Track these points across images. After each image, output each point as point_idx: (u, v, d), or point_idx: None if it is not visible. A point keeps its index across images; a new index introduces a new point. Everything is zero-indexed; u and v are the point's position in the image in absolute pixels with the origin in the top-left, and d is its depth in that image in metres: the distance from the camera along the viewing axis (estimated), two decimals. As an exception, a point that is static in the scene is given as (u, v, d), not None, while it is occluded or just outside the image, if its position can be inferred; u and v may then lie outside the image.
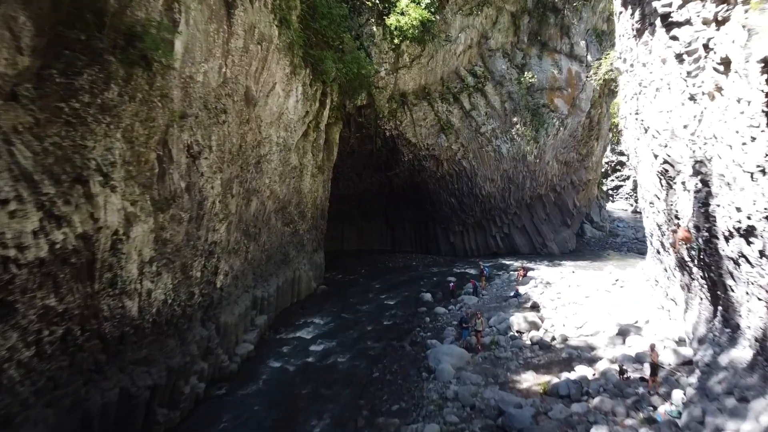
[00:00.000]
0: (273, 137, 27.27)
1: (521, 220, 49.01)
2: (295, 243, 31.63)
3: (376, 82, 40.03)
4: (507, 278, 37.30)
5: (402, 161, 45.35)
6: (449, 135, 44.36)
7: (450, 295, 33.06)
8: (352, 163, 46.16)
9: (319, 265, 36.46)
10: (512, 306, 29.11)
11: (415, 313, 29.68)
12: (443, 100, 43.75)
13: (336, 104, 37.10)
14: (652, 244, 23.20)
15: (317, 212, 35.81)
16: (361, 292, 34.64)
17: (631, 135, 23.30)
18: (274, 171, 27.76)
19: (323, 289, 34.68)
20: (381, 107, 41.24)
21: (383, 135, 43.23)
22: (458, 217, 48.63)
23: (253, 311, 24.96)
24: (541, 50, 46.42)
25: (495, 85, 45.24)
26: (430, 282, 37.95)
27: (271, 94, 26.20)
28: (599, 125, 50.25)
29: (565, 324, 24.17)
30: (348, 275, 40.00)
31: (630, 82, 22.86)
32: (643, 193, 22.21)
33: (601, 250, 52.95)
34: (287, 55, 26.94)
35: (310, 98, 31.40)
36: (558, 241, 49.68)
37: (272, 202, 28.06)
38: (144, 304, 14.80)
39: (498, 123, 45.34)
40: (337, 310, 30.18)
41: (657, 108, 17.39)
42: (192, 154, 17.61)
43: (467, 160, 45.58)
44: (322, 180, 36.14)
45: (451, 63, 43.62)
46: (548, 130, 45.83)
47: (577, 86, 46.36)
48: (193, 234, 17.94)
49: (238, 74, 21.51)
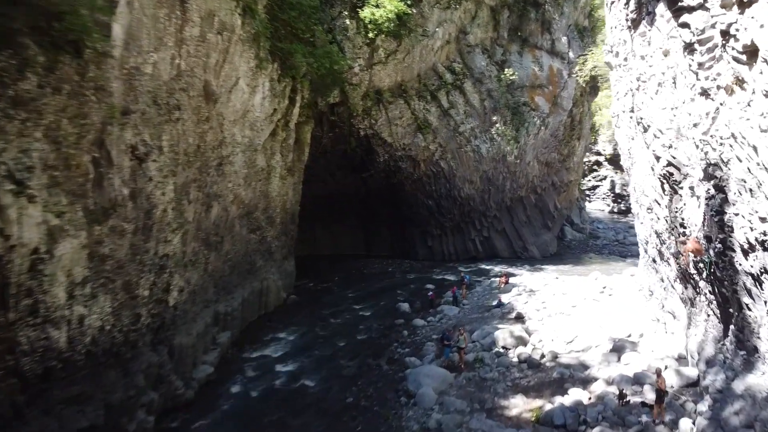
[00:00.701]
0: (237, 137, 25.25)
1: (501, 223, 47.64)
2: (262, 251, 29.59)
3: (350, 78, 38.17)
4: (488, 285, 35.77)
5: (377, 162, 43.56)
6: (426, 134, 42.74)
7: (429, 305, 31.38)
8: (325, 163, 44.21)
9: (289, 273, 34.45)
10: (495, 317, 27.54)
11: (392, 325, 27.93)
12: (420, 98, 42.11)
13: (307, 102, 35.17)
14: (647, 252, 21.83)
15: (287, 217, 33.80)
16: (334, 302, 32.74)
17: (624, 134, 21.89)
18: (239, 173, 25.74)
19: (293, 299, 32.69)
20: (355, 105, 39.39)
21: (357, 134, 41.39)
22: (436, 220, 47.04)
23: (215, 328, 22.92)
24: (521, 46, 45.10)
25: (474, 83, 43.77)
26: (407, 290, 36.23)
27: (235, 89, 24.20)
28: (581, 124, 49.21)
29: (553, 339, 22.64)
30: (321, 283, 38.04)
31: (623, 78, 21.44)
32: (638, 197, 20.81)
33: (583, 253, 51.96)
34: (252, 48, 24.94)
35: (279, 95, 29.44)
36: (539, 245, 48.45)
37: (236, 207, 26.01)
38: (75, 333, 12.72)
39: (477, 122, 43.88)
40: (308, 323, 28.26)
41: (659, 105, 15.91)
42: (138, 156, 15.54)
43: (445, 161, 44.01)
44: (292, 182, 34.16)
45: (429, 59, 42.00)
46: (529, 129, 44.53)
47: (559, 84, 45.17)
48: (140, 247, 15.86)
49: (195, 66, 19.47)
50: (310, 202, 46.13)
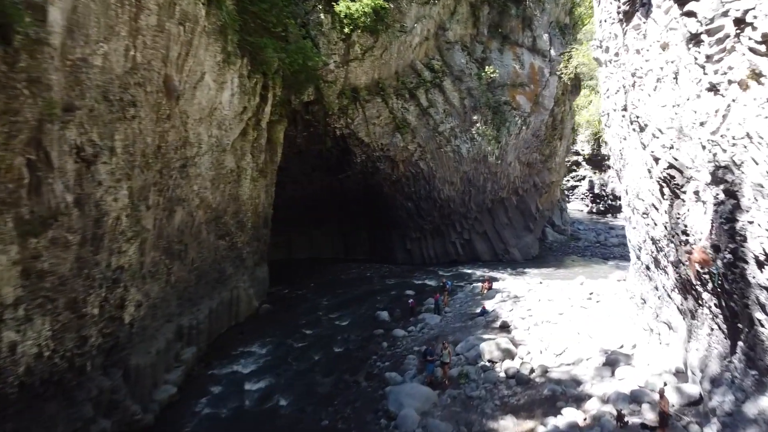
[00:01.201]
0: (203, 136, 23.67)
1: (482, 226, 46.62)
2: (232, 258, 27.98)
3: (325, 75, 36.74)
4: (470, 291, 34.64)
5: (354, 163, 42.17)
6: (405, 134, 41.48)
7: (409, 313, 30.10)
8: (300, 164, 42.66)
9: (262, 280, 32.86)
10: (479, 326, 26.37)
11: (371, 336, 26.58)
12: (398, 96, 40.84)
13: (280, 99, 33.66)
14: (639, 258, 20.82)
15: (259, 221, 32.23)
16: (309, 311, 31.26)
17: (616, 134, 20.86)
18: (205, 176, 24.15)
19: (266, 308, 31.11)
20: (330, 103, 37.94)
21: (333, 134, 39.94)
22: (415, 223, 45.84)
23: (179, 344, 21.32)
24: (502, 43, 44.13)
25: (453, 81, 42.64)
26: (386, 296, 34.90)
27: (200, 85, 22.64)
28: (562, 124, 48.44)
29: (542, 350, 21.52)
30: (295, 290, 36.49)
31: (614, 74, 20.41)
32: (631, 201, 19.78)
33: (564, 255, 51.26)
34: (218, 41, 23.39)
35: (249, 92, 27.91)
36: (521, 247, 47.55)
37: (203, 212, 24.41)
38: (5, 363, 11.11)
39: (457, 121, 42.77)
40: (282, 335, 26.77)
41: (658, 102, 14.83)
42: (84, 158, 13.94)
43: (425, 162, 42.81)
44: (264, 184, 32.60)
45: (407, 56, 40.76)
46: (510, 129, 43.57)
47: (540, 82, 44.30)
48: (88, 260, 14.25)
49: (153, 59, 17.88)
50: (284, 205, 44.56)
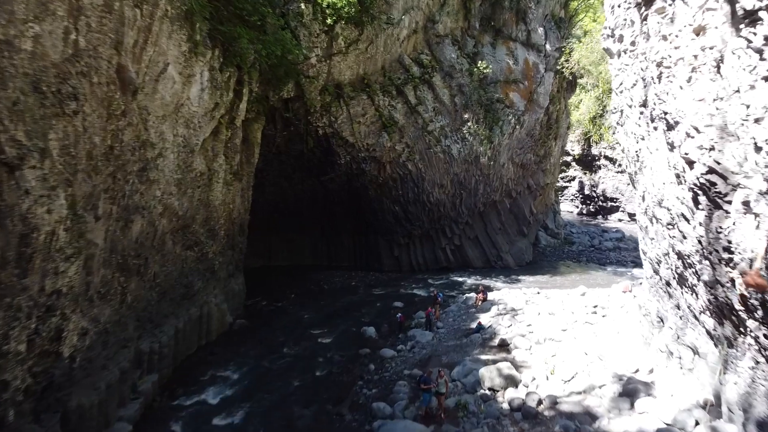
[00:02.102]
0: (167, 135, 21.28)
1: (474, 230, 44.58)
2: (202, 270, 25.56)
3: (306, 70, 34.42)
4: (463, 303, 32.51)
5: (338, 164, 39.86)
6: (392, 134, 39.28)
7: (398, 329, 27.91)
8: (280, 166, 40.29)
9: (237, 293, 30.44)
10: (476, 344, 24.24)
11: (356, 356, 24.32)
12: (385, 93, 38.62)
13: (257, 96, 31.38)
14: (658, 273, 18.80)
15: (234, 228, 29.82)
16: (289, 326, 28.91)
17: (630, 133, 18.83)
18: (170, 180, 21.74)
19: (241, 324, 28.69)
20: (312, 100, 35.61)
21: (315, 133, 37.60)
22: (403, 228, 43.64)
23: (137, 372, 18.88)
24: (494, 38, 42.10)
25: (444, 77, 40.51)
26: (373, 308, 32.67)
27: (162, 78, 20.25)
28: (558, 123, 46.57)
29: (548, 376, 19.42)
30: (274, 301, 34.09)
31: (630, 66, 18.38)
32: (650, 209, 17.73)
33: (559, 261, 49.49)
34: (184, 28, 21.03)
35: (221, 87, 25.57)
36: (514, 253, 45.60)
37: (167, 220, 21.99)
38: None
39: (447, 120, 40.65)
40: (258, 355, 24.42)
41: (693, 95, 12.76)
42: (6, 162, 11.54)
43: (413, 163, 40.63)
44: (239, 188, 30.21)
45: (394, 50, 38.56)
46: (503, 128, 41.54)
47: (535, 79, 42.34)
48: (11, 286, 11.85)
49: (101, 45, 15.47)
50: (263, 209, 42.31)
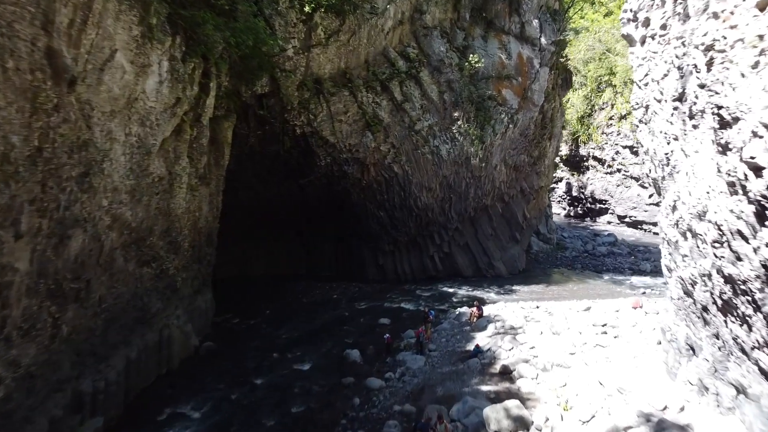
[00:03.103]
0: (117, 135, 18.41)
1: (464, 237, 42.08)
2: (161, 289, 22.59)
3: (282, 63, 31.57)
4: (456, 319, 29.92)
5: (318, 166, 37.06)
6: (377, 133, 36.60)
7: (386, 351, 25.23)
8: (254, 167, 37.33)
9: (204, 311, 27.52)
10: (474, 371, 21.68)
11: (339, 387, 21.58)
12: (369, 89, 35.92)
13: (226, 91, 28.57)
14: (691, 295, 16.35)
15: (200, 239, 26.89)
16: (262, 349, 26.05)
17: (659, 132, 16.37)
18: (120, 186, 18.83)
19: (208, 347, 25.74)
20: (289, 96, 32.77)
21: (293, 132, 34.74)
22: (388, 235, 40.97)
23: (76, 418, 15.92)
24: (486, 30, 39.64)
25: (432, 72, 37.94)
26: (356, 326, 29.93)
27: (109, 67, 17.36)
28: (552, 122, 44.30)
29: (563, 415, 16.87)
30: (247, 319, 31.17)
31: (659, 54, 15.93)
32: (685, 221, 15.26)
33: (553, 268, 47.27)
34: (135, 9, 18.11)
35: (184, 80, 22.72)
36: (506, 260, 43.21)
37: (117, 234, 19.05)
38: None
39: (436, 118, 38.08)
40: (225, 386, 21.59)
41: (762, 85, 10.28)
42: None
43: (399, 165, 37.99)
44: (207, 193, 27.30)
45: (378, 42, 35.88)
46: (495, 127, 39.09)
47: (529, 75, 39.95)
48: None
49: (17, 21, 12.56)
50: (236, 215, 39.38)
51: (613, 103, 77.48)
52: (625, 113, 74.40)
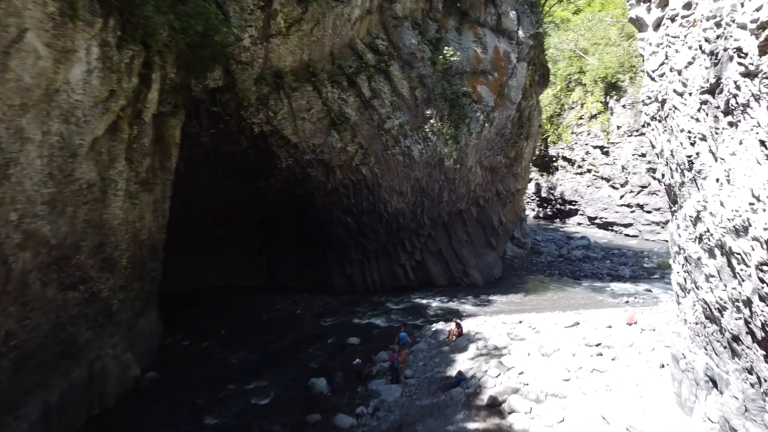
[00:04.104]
0: (31, 134, 15.30)
1: (437, 244, 39.67)
2: (92, 315, 19.35)
3: (237, 53, 28.53)
4: (433, 337, 27.41)
5: (278, 168, 34.07)
6: (343, 132, 33.84)
7: (357, 379, 22.56)
8: (208, 170, 34.09)
9: (147, 335, 24.33)
10: (458, 404, 19.22)
11: (303, 425, 18.84)
12: (334, 84, 33.13)
13: (173, 84, 25.44)
14: (716, 322, 14.12)
15: (142, 253, 23.68)
16: (215, 379, 23.02)
17: (676, 130, 14.08)
18: (35, 196, 15.66)
19: (153, 378, 22.58)
20: (245, 91, 29.73)
21: (250, 131, 31.68)
22: (356, 242, 38.24)
23: (-31, 490, 12.76)
24: (460, 21, 37.27)
25: (402, 66, 35.39)
26: (323, 347, 27.11)
27: (17, 50, 14.25)
28: (530, 121, 42.26)
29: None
30: (199, 340, 28.02)
31: (681, 38, 13.66)
32: (711, 236, 12.98)
33: (530, 275, 45.26)
34: (50, -20, 15.01)
35: (120, 70, 19.61)
36: (481, 268, 40.96)
37: (32, 253, 15.86)
38: None
39: (407, 116, 35.54)
40: (169, 429, 18.49)
41: None
42: None
43: (368, 167, 35.31)
44: (150, 201, 24.15)
45: (345, 33, 33.11)
46: (471, 126, 36.78)
47: (506, 70, 37.74)
48: None
49: None
50: (189, 222, 36.15)
51: (583, 102, 76.41)
52: (596, 113, 73.49)
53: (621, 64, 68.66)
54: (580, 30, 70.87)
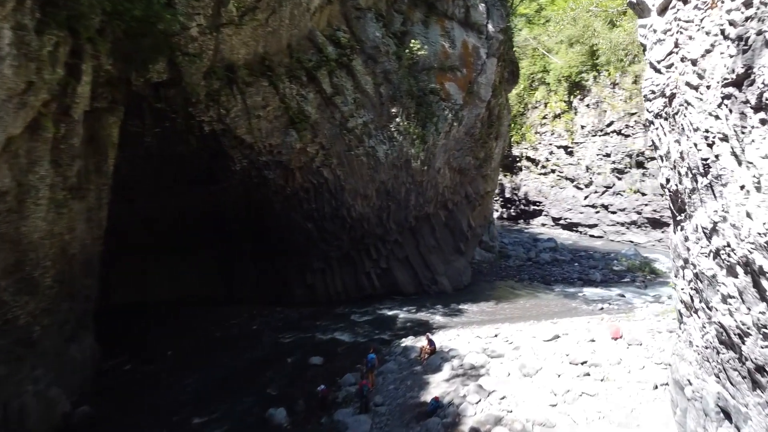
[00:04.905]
0: None
1: (404, 250, 37.61)
2: (5, 346, 16.48)
3: (184, 44, 25.76)
4: (403, 355, 25.26)
5: (232, 171, 31.42)
6: (303, 131, 31.41)
7: (320, 407, 20.22)
8: (154, 172, 31.15)
9: (80, 362, 21.41)
10: (436, 436, 17.07)
11: (260, 469, 16.40)
12: (293, 79, 30.67)
13: (109, 76, 22.55)
14: (735, 349, 12.36)
15: (73, 268, 20.80)
16: (160, 411, 20.32)
17: (690, 129, 12.24)
18: (-75, 208, 12.85)
19: (85, 413, 19.68)
20: (194, 86, 26.95)
21: (200, 130, 28.91)
22: (318, 250, 35.85)
23: None
24: (427, 14, 35.27)
25: (366, 60, 33.18)
26: (282, 369, 24.65)
27: None
28: (499, 120, 40.60)
29: None
30: (143, 363, 25.19)
31: (695, 22, 11.86)
32: (733, 251, 11.14)
33: (500, 281, 43.65)
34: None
35: (41, 58, 16.91)
36: (450, 275, 39.13)
37: None
38: None
39: (372, 115, 33.36)
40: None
41: None
42: None
43: (329, 169, 32.97)
44: (83, 208, 21.32)
45: (303, 24, 30.68)
46: (439, 125, 34.85)
47: (475, 66, 35.93)
48: None
49: None
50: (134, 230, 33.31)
51: (547, 101, 75.75)
52: (560, 112, 72.92)
53: (583, 63, 67.99)
54: (562, 21, 68.58)
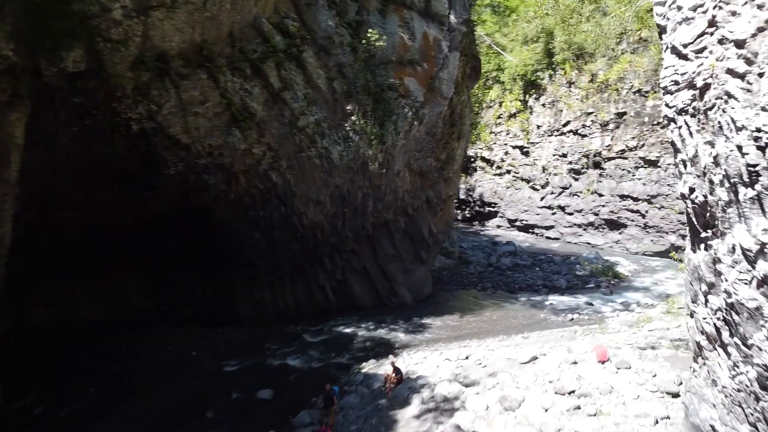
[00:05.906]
0: None
1: (360, 260, 34.68)
2: None
3: (106, 29, 22.04)
4: (365, 385, 22.28)
5: (166, 175, 27.71)
6: (247, 131, 28.01)
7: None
8: (73, 176, 27.09)
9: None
10: (412, 499, 14.20)
11: None
12: (235, 72, 27.22)
13: (12, 65, 18.84)
14: (752, 375, 10.02)
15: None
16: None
17: (727, 129, 9.78)
18: None
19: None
20: (118, 78, 23.22)
21: (126, 129, 25.12)
22: (266, 261, 32.50)
23: None
24: (384, 3, 32.36)
25: (318, 52, 30.05)
26: (225, 408, 21.29)
27: None
28: (462, 119, 38.12)
29: None
30: (57, 405, 21.33)
31: None
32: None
33: (462, 290, 41.25)
34: None
35: None
36: (411, 285, 36.47)
37: None
38: None
39: (325, 112, 30.26)
40: None
41: None
42: None
43: (278, 172, 29.69)
44: (-25, 224, 17.44)
45: (247, 9, 27.27)
46: (398, 124, 32.06)
47: (437, 60, 33.26)
48: None
49: None
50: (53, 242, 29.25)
51: (502, 100, 74.35)
52: (515, 111, 71.62)
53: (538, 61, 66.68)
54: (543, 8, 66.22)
